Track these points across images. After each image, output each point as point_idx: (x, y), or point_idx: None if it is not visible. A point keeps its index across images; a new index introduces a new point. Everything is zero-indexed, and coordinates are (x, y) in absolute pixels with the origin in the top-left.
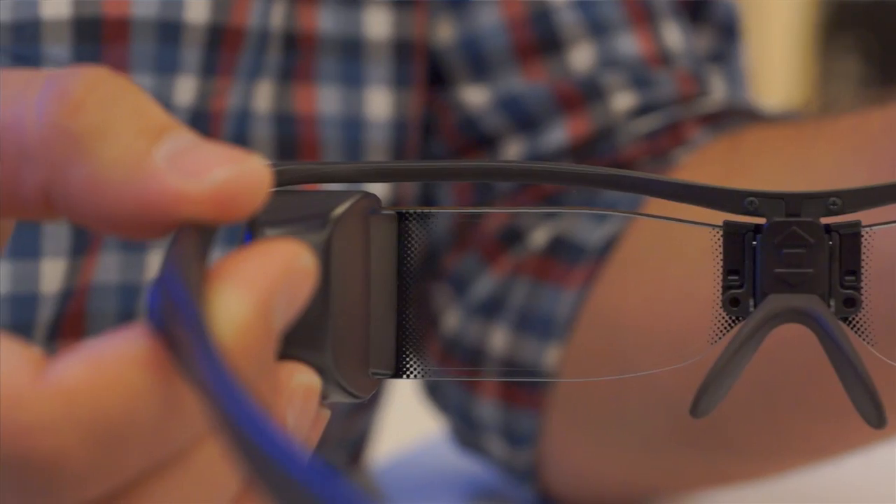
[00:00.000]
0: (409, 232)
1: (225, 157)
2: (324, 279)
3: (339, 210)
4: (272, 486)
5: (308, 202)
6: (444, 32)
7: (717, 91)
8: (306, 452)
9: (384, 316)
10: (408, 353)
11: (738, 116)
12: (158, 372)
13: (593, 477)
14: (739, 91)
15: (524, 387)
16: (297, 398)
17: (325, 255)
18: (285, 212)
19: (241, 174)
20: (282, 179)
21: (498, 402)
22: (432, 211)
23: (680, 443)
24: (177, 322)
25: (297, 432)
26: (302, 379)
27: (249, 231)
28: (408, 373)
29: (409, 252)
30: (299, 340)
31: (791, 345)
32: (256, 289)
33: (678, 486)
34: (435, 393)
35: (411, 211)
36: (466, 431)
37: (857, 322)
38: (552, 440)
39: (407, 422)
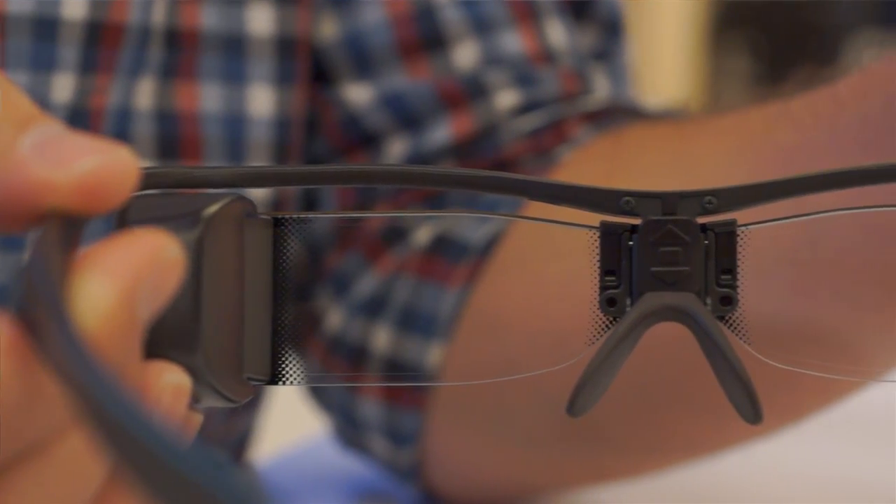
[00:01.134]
0: (286, 237)
1: (92, 148)
2: (195, 279)
3: (211, 210)
4: (147, 477)
5: (179, 203)
6: (328, 30)
7: (601, 89)
8: (184, 439)
9: (260, 321)
10: (284, 358)
11: (621, 114)
12: (20, 360)
13: (476, 475)
14: (623, 89)
15: (407, 386)
16: (166, 398)
17: (197, 255)
18: (155, 211)
19: (108, 164)
20: (152, 183)
21: (380, 402)
22: (308, 216)
23: (562, 440)
24: (38, 309)
25: None
26: (171, 378)
27: (119, 230)
28: (284, 379)
29: (285, 257)
30: (170, 340)
31: (671, 343)
32: (120, 277)
33: (561, 483)
34: (318, 392)
35: (287, 216)
36: (349, 431)
37: (734, 320)
38: (435, 438)
39: (290, 421)
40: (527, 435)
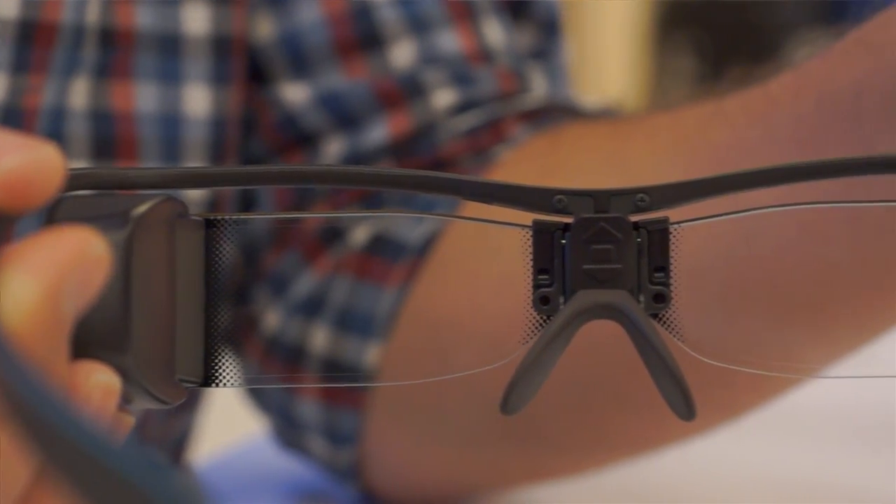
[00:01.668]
0: (218, 238)
1: (16, 145)
2: (124, 279)
3: (140, 210)
4: (77, 476)
5: (109, 203)
6: (264, 29)
7: (538, 88)
8: (116, 438)
9: (192, 322)
10: (217, 360)
11: (558, 113)
12: None
13: (415, 474)
14: (560, 88)
15: (345, 386)
16: (95, 397)
17: (126, 255)
18: (85, 211)
19: (32, 162)
20: (83, 183)
21: (319, 402)
22: (241, 218)
23: (499, 439)
24: None
25: None
26: (100, 378)
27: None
28: (217, 381)
29: (217, 258)
30: (100, 340)
31: (608, 341)
32: (44, 274)
33: (499, 482)
34: (256, 393)
35: (219, 217)
36: (288, 431)
37: (667, 318)
38: (374, 438)
39: (228, 422)
40: (465, 434)
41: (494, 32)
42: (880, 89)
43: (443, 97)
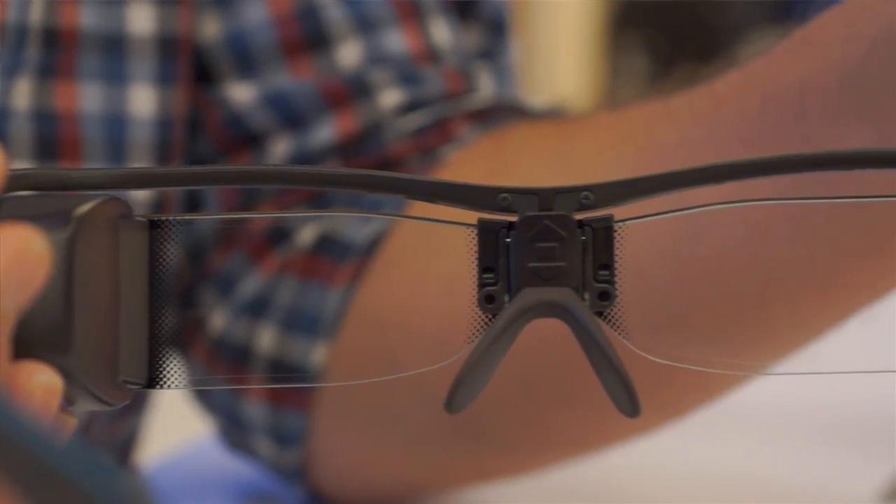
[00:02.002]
0: (162, 239)
1: None
2: (66, 279)
3: (82, 210)
4: (20, 476)
5: (51, 203)
6: (210, 29)
7: (486, 88)
8: (58, 438)
9: (137, 324)
10: (162, 362)
11: (505, 113)
12: None
13: (362, 474)
14: (508, 87)
15: (291, 386)
16: (37, 398)
17: (68, 255)
18: (27, 211)
19: None
20: (26, 184)
21: (265, 403)
22: (185, 218)
23: (446, 439)
24: None
25: None
26: (42, 379)
27: None
28: (162, 382)
29: (162, 260)
30: (42, 340)
31: (554, 340)
32: None
33: (447, 482)
34: (202, 394)
35: (163, 218)
36: (234, 432)
37: (612, 315)
38: (320, 439)
39: (175, 423)
40: (411, 434)
41: (441, 32)
42: (823, 88)
43: (389, 97)
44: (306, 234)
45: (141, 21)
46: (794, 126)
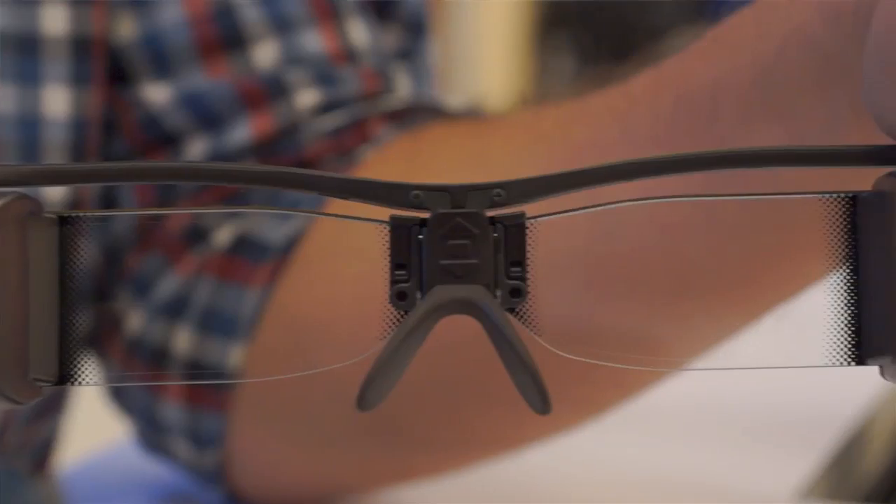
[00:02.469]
0: (73, 236)
1: None
2: None
3: None
4: None
5: None
6: (125, 29)
7: (403, 88)
8: None
9: (47, 321)
10: (73, 360)
11: (422, 113)
12: None
13: (281, 475)
14: (426, 88)
15: (208, 387)
16: None
17: None
18: None
19: None
20: None
21: (182, 404)
22: (96, 214)
23: (365, 439)
24: None
25: None
26: None
27: None
28: (72, 380)
29: (72, 257)
30: None
31: (472, 339)
32: None
33: (366, 483)
34: (119, 396)
35: (73, 214)
36: (151, 434)
37: (524, 312)
38: (239, 440)
39: (93, 426)
40: (329, 434)
41: (359, 32)
42: (735, 89)
43: (306, 97)
44: (223, 235)
45: (54, 21)
46: (707, 125)
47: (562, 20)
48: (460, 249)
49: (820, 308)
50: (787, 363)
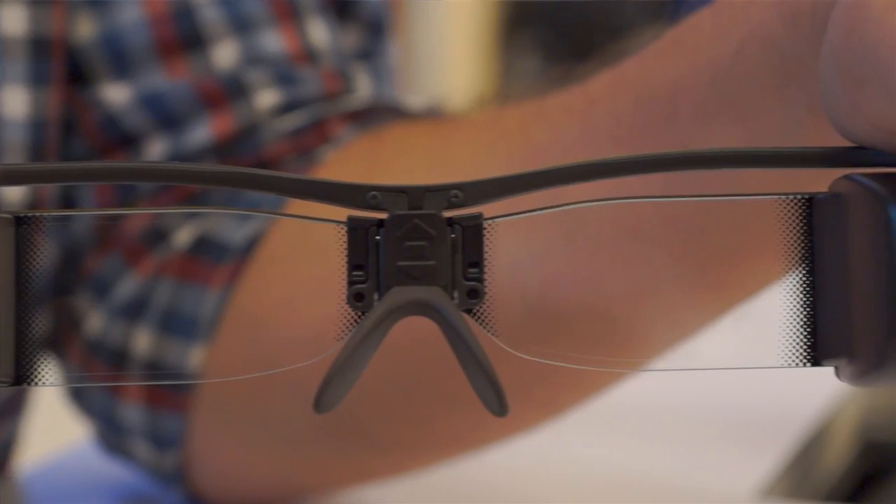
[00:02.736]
0: (30, 236)
1: None
2: None
3: None
4: None
5: None
6: (84, 29)
7: (363, 88)
8: None
9: (3, 322)
10: (30, 360)
11: (383, 113)
12: None
13: (241, 476)
14: (386, 88)
15: (168, 389)
16: None
17: None
18: None
19: None
20: None
21: (142, 405)
22: (52, 214)
23: (325, 440)
24: None
25: None
26: None
27: None
28: (30, 380)
29: (29, 257)
30: None
31: (432, 340)
32: None
33: (326, 483)
34: (79, 397)
35: (29, 214)
36: (111, 435)
37: (481, 313)
38: (199, 441)
39: (53, 427)
40: (289, 435)
41: (319, 32)
42: (694, 89)
43: (266, 97)
44: (183, 236)
45: (13, 22)
46: (667, 126)
47: (526, 20)
48: (418, 251)
49: (778, 309)
50: (744, 364)
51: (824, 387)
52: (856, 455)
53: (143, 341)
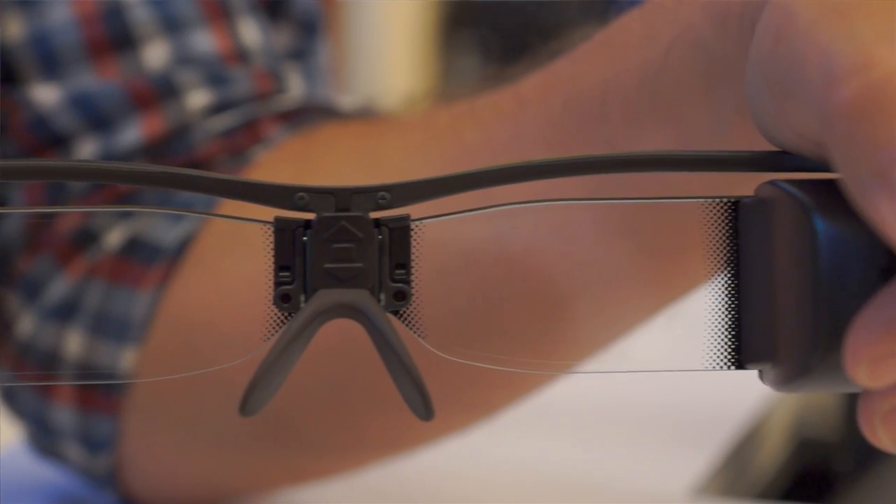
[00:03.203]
0: None
1: None
2: None
3: None
4: None
5: None
6: (13, 29)
7: (295, 88)
8: None
9: None
10: None
11: (315, 113)
12: None
13: (174, 478)
14: (319, 88)
15: (100, 391)
16: None
17: None
18: None
19: None
20: None
21: (73, 408)
22: None
23: (257, 441)
24: None
25: None
26: None
27: None
28: None
29: None
30: None
31: (364, 341)
32: None
33: (259, 486)
34: (10, 399)
35: None
36: (43, 438)
37: (408, 315)
38: (131, 443)
39: None
40: (222, 437)
41: (250, 32)
42: (623, 90)
43: (197, 98)
44: (114, 237)
45: None
46: (597, 127)
47: (466, 19)
48: (345, 253)
49: (705, 311)
50: (671, 366)
51: (758, 385)
52: (790, 453)
53: (74, 343)
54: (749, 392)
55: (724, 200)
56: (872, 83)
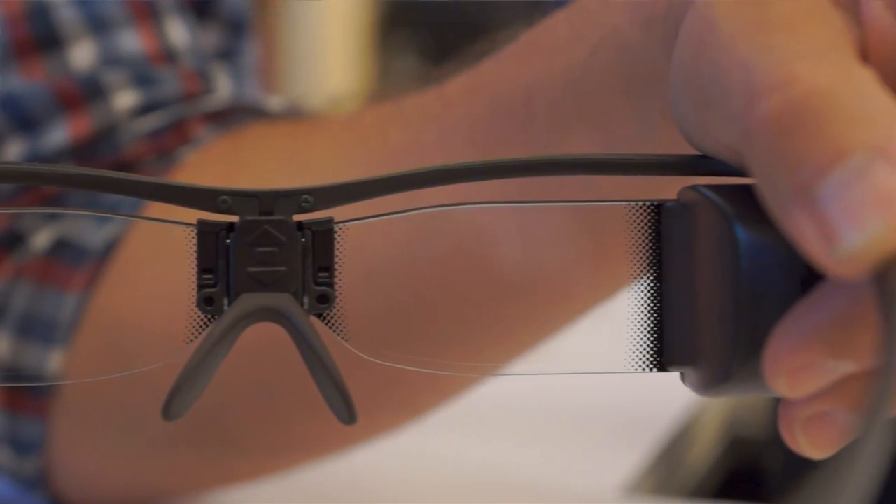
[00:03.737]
0: None
1: None
2: None
3: None
4: None
5: None
6: None
7: (224, 88)
8: None
9: None
10: None
11: (243, 114)
12: None
13: (103, 481)
14: (247, 88)
15: (28, 393)
16: None
17: None
18: None
19: None
20: None
21: (1, 410)
22: None
23: (186, 443)
24: None
25: None
26: None
27: None
28: None
29: None
30: None
31: (288, 341)
32: None
33: (189, 487)
34: None
35: None
36: None
37: (331, 318)
38: (60, 446)
39: None
40: (150, 439)
41: (178, 32)
42: (549, 92)
43: (124, 98)
44: (41, 239)
45: None
46: (523, 129)
47: (403, 19)
48: (268, 256)
49: (629, 314)
50: (595, 368)
51: None
52: (721, 451)
53: (1, 345)
54: (680, 391)
55: (648, 204)
56: (793, 99)
